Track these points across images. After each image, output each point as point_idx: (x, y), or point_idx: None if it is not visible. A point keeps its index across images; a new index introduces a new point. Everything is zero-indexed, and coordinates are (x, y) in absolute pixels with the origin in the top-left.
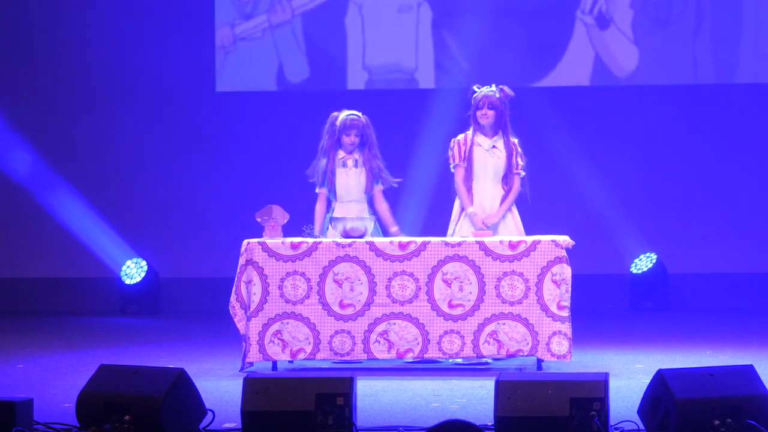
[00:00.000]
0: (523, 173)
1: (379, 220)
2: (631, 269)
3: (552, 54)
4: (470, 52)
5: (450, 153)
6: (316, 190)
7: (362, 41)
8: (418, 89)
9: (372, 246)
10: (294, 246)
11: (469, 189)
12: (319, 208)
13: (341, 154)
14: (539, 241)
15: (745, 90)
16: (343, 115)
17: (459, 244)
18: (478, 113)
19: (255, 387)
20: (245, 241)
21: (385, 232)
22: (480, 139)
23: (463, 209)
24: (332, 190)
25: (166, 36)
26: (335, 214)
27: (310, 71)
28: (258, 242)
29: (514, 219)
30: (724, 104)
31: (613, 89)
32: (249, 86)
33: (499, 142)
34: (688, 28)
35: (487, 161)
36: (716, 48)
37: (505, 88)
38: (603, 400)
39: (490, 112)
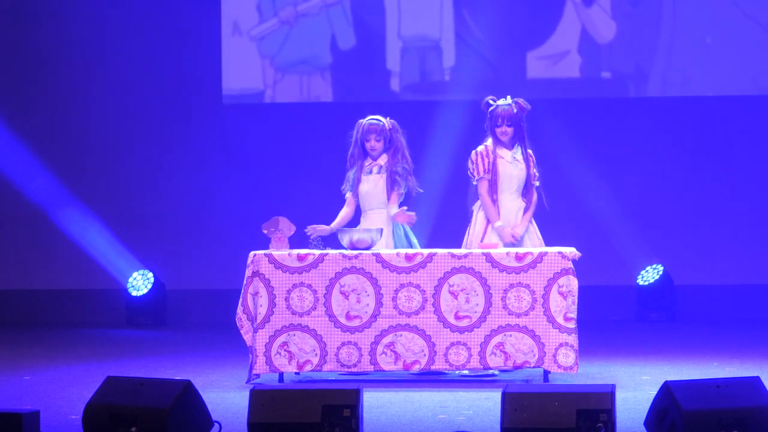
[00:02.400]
0: (537, 183)
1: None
2: (637, 281)
3: (548, 26)
4: (483, 24)
5: (472, 166)
6: (346, 195)
7: (398, 16)
8: (427, 101)
9: (378, 258)
10: (300, 258)
11: (494, 202)
12: (345, 209)
13: (368, 161)
14: (546, 253)
15: (751, 102)
16: (365, 120)
17: (465, 255)
18: (498, 130)
19: (261, 399)
20: (252, 253)
21: (410, 242)
22: (502, 151)
23: (488, 222)
24: (359, 200)
25: (174, 49)
26: (359, 227)
27: (356, 40)
28: (264, 254)
29: (535, 230)
30: (730, 115)
31: (620, 101)
32: (307, 53)
33: (518, 154)
34: (654, 5)
35: (512, 173)
36: (675, 20)
37: (521, 101)
38: (610, 412)
39: (509, 129)
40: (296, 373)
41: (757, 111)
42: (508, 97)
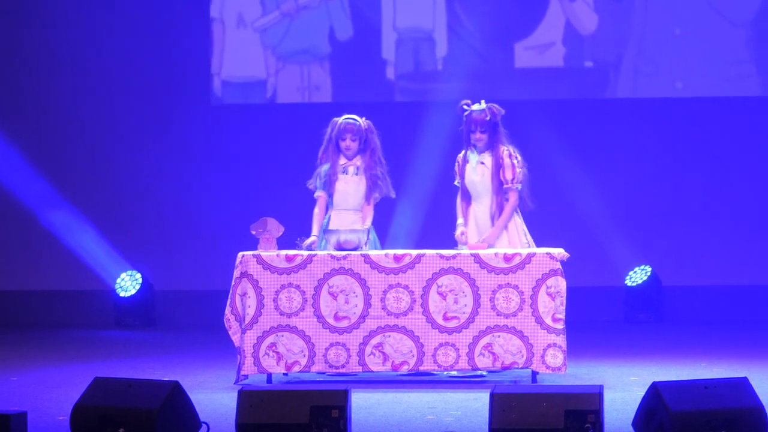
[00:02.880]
0: (519, 186)
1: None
2: (625, 282)
3: (534, 18)
4: (473, 16)
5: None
6: (315, 195)
7: (393, 9)
8: (418, 101)
9: (367, 258)
10: (289, 258)
11: (467, 205)
12: (317, 211)
13: (342, 160)
14: (534, 254)
15: (740, 102)
16: (341, 119)
17: (454, 256)
18: (472, 136)
19: (250, 399)
20: (240, 254)
21: (383, 245)
22: (471, 156)
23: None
24: (331, 197)
25: (162, 47)
26: (330, 226)
27: (354, 32)
28: (253, 255)
29: (509, 235)
30: (717, 116)
31: (608, 102)
32: (307, 44)
33: (487, 158)
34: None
35: (474, 179)
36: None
37: (494, 106)
38: (598, 413)
39: (483, 135)
40: (284, 374)
41: (745, 112)
42: (482, 101)
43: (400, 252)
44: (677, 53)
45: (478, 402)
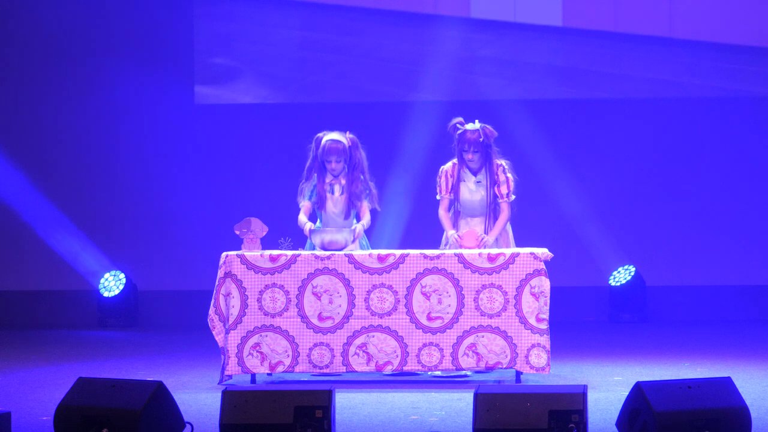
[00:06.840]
0: (512, 197)
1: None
2: (609, 282)
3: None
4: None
5: (437, 181)
6: (301, 204)
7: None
8: (400, 101)
9: (351, 258)
10: (273, 258)
11: (455, 218)
12: (302, 217)
13: (329, 177)
14: (518, 254)
15: (722, 103)
16: (325, 139)
17: (438, 256)
18: (465, 156)
19: (233, 400)
20: (224, 254)
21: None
22: (466, 175)
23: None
24: (320, 214)
25: (146, 48)
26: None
27: (336, 32)
28: (237, 255)
29: (509, 242)
30: (701, 117)
31: (592, 102)
32: (292, 44)
33: (483, 178)
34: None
35: (474, 198)
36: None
37: (487, 127)
38: (581, 413)
39: (476, 156)
40: (268, 374)
41: (728, 113)
42: (477, 121)
43: (384, 252)
44: (662, 53)
45: (462, 402)
